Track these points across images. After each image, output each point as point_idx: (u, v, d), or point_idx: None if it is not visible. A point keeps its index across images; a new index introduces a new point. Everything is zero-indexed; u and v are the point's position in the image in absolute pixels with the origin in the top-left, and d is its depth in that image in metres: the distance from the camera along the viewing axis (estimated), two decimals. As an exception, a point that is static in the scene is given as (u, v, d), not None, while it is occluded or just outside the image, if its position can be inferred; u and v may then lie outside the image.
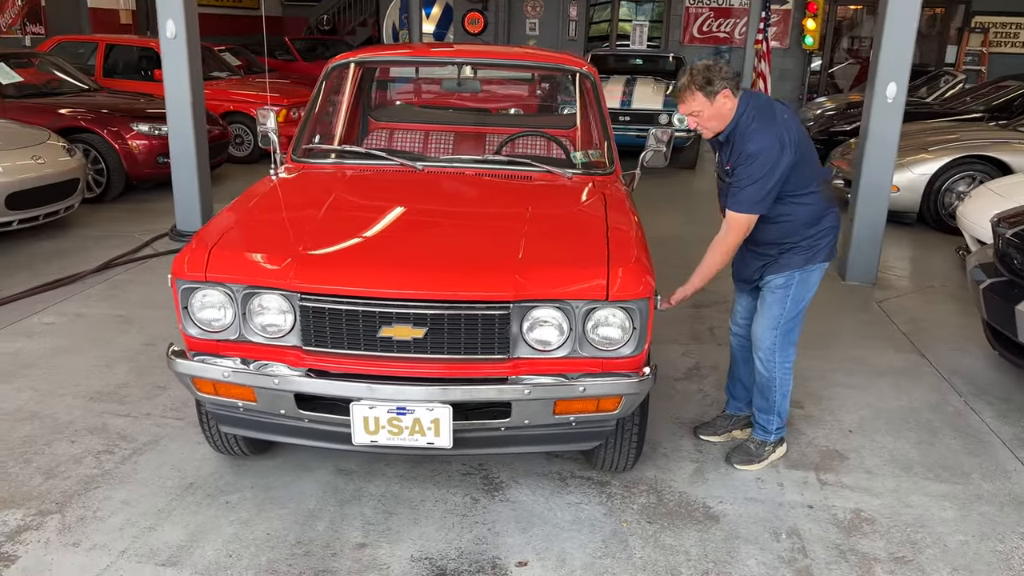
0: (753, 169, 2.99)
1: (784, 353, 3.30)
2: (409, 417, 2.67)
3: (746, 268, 3.37)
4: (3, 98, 8.03)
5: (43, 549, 2.77)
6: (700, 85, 3.00)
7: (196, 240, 2.83)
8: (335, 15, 18.58)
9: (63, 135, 7.67)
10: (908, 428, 3.80)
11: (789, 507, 3.15)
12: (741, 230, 3.10)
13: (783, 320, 3.27)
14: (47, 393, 3.87)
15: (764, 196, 3.02)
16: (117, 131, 7.86)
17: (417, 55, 4.40)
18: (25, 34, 12.07)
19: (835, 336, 4.93)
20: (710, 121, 3.08)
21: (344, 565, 2.76)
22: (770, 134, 2.98)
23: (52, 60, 9.35)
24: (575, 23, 15.67)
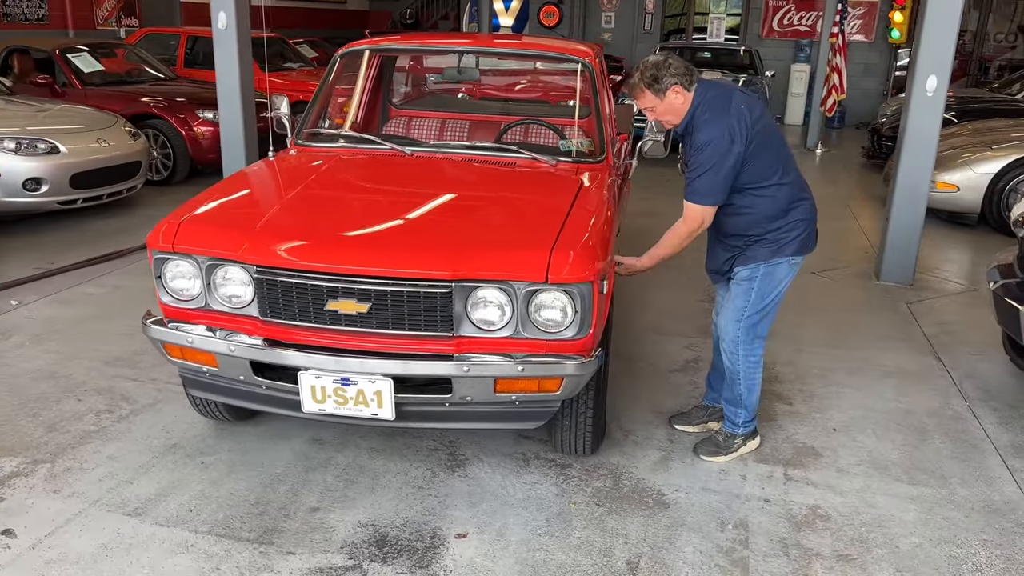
0: (702, 159, 2.98)
1: (748, 347, 3.27)
2: (353, 388, 2.79)
3: (714, 259, 3.36)
4: (84, 85, 8.59)
5: (27, 494, 3.03)
6: (648, 83, 3.02)
7: (172, 213, 3.03)
8: (419, 9, 18.95)
9: (136, 120, 8.18)
10: (896, 430, 3.69)
11: (745, 499, 3.13)
12: (696, 220, 3.09)
13: (747, 313, 3.23)
14: (69, 356, 4.18)
15: (714, 187, 3.00)
16: (184, 118, 8.30)
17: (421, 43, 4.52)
18: (120, 26, 12.81)
19: (850, 335, 4.80)
20: (665, 115, 3.09)
21: (292, 526, 2.90)
22: (720, 124, 2.96)
23: (136, 51, 9.93)
24: (651, 16, 15.51)
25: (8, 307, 4.82)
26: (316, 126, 4.12)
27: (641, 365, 4.32)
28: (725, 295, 3.49)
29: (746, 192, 3.09)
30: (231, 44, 6.43)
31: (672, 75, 3.01)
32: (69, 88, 8.55)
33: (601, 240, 2.97)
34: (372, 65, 4.78)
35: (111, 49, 9.64)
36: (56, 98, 8.16)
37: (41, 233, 6.38)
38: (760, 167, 3.05)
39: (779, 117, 15.00)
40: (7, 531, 2.81)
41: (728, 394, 3.39)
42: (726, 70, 11.36)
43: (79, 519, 2.89)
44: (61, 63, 8.68)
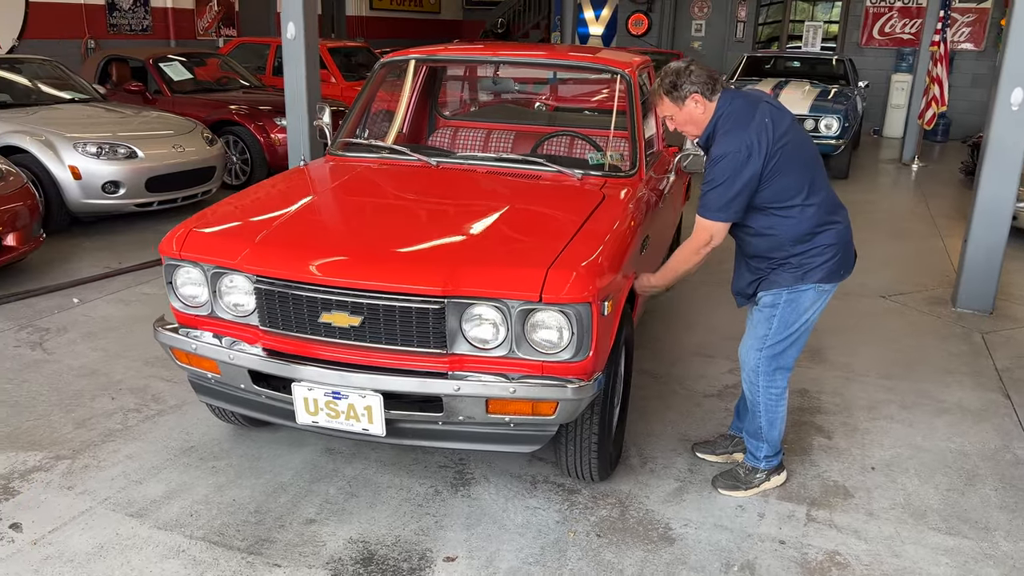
0: (716, 173, 2.82)
1: (769, 378, 3.08)
2: (344, 402, 2.75)
3: (739, 280, 3.18)
4: (173, 93, 8.98)
5: (42, 489, 3.13)
6: (667, 90, 2.88)
7: (187, 220, 3.08)
8: (510, 19, 19.04)
9: (219, 126, 8.51)
10: (943, 473, 3.40)
11: (757, 540, 2.93)
12: (703, 236, 2.92)
13: (768, 342, 3.04)
14: (114, 354, 4.33)
15: (727, 203, 2.83)
16: (262, 125, 8.55)
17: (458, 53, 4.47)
18: (219, 36, 13.37)
19: (911, 366, 4.47)
20: (685, 126, 2.95)
21: (284, 537, 2.89)
22: (738, 137, 2.79)
23: (226, 60, 10.32)
24: (743, 24, 15.07)
25: (70, 304, 5.05)
26: (353, 136, 4.13)
27: (675, 388, 4.14)
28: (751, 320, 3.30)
29: (768, 212, 2.90)
30: (299, 53, 6.58)
31: (692, 83, 2.86)
32: (159, 95, 8.96)
33: (609, 258, 2.85)
34: (419, 75, 4.78)
35: (202, 58, 10.04)
36: (147, 105, 8.56)
37: (116, 234, 6.67)
38: (783, 186, 2.86)
39: (877, 130, 14.33)
40: (15, 525, 2.90)
41: (750, 426, 3.20)
42: (814, 80, 10.89)
43: (84, 517, 2.96)
44: (153, 71, 9.11)
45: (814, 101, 9.74)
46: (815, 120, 9.47)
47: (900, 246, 7.04)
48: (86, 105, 7.64)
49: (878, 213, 8.32)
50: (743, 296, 3.20)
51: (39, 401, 3.80)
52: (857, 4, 14.25)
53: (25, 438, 3.48)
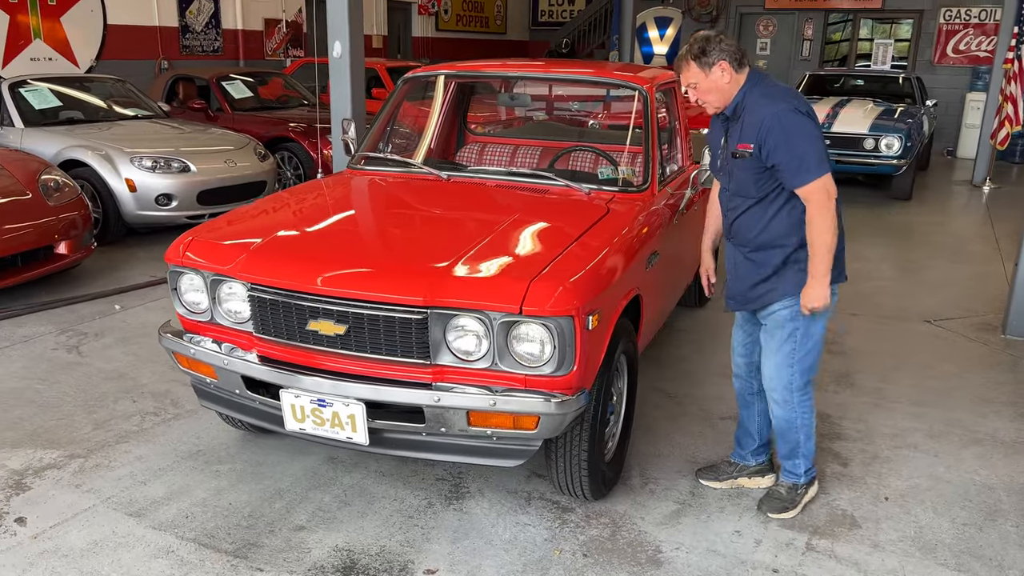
0: (790, 129, 2.73)
1: (802, 392, 3.03)
2: (328, 410, 2.78)
3: (739, 281, 3.06)
4: (233, 110, 9.29)
5: (52, 486, 3.24)
6: (695, 55, 2.83)
7: (193, 229, 3.17)
8: (575, 38, 19.09)
9: (275, 143, 8.76)
10: (962, 506, 3.22)
11: (750, 567, 2.82)
12: (823, 192, 2.75)
13: (798, 356, 2.98)
14: (144, 359, 4.48)
15: (822, 151, 2.76)
16: (315, 142, 8.76)
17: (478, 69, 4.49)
18: (286, 57, 13.78)
19: (947, 393, 4.26)
20: (708, 94, 2.88)
21: (272, 542, 2.92)
22: (788, 97, 2.80)
23: (289, 80, 10.63)
24: (809, 42, 14.75)
25: (111, 310, 5.25)
26: (374, 149, 4.19)
27: (690, 409, 4.04)
28: (746, 336, 3.20)
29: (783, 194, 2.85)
30: (344, 71, 6.74)
31: (722, 51, 2.82)
32: (220, 113, 9.28)
33: (599, 272, 2.82)
34: (448, 92, 4.82)
35: (264, 78, 10.37)
36: (208, 122, 8.87)
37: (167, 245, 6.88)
38: None
39: (951, 150, 13.80)
40: (20, 519, 3.01)
41: (784, 448, 3.14)
42: (878, 99, 10.55)
43: (85, 515, 3.05)
44: (216, 90, 9.45)
45: (875, 120, 9.44)
46: (875, 139, 9.17)
47: (956, 269, 6.75)
48: (148, 122, 7.98)
49: (938, 235, 7.99)
50: (742, 300, 3.08)
51: (65, 401, 3.96)
52: (930, 21, 13.79)
53: (46, 436, 3.62)
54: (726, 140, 2.97)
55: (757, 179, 2.87)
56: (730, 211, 3.03)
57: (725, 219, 3.08)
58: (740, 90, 2.87)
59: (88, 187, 6.68)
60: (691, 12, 15.30)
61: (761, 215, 2.93)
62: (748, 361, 3.22)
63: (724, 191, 3.06)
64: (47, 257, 5.50)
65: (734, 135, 2.91)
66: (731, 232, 3.05)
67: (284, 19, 13.65)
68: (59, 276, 5.80)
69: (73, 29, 10.53)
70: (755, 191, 2.90)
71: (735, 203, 2.99)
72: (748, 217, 2.95)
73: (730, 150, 2.92)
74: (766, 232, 2.93)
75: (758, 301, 3.02)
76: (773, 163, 2.79)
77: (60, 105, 7.76)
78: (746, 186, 2.91)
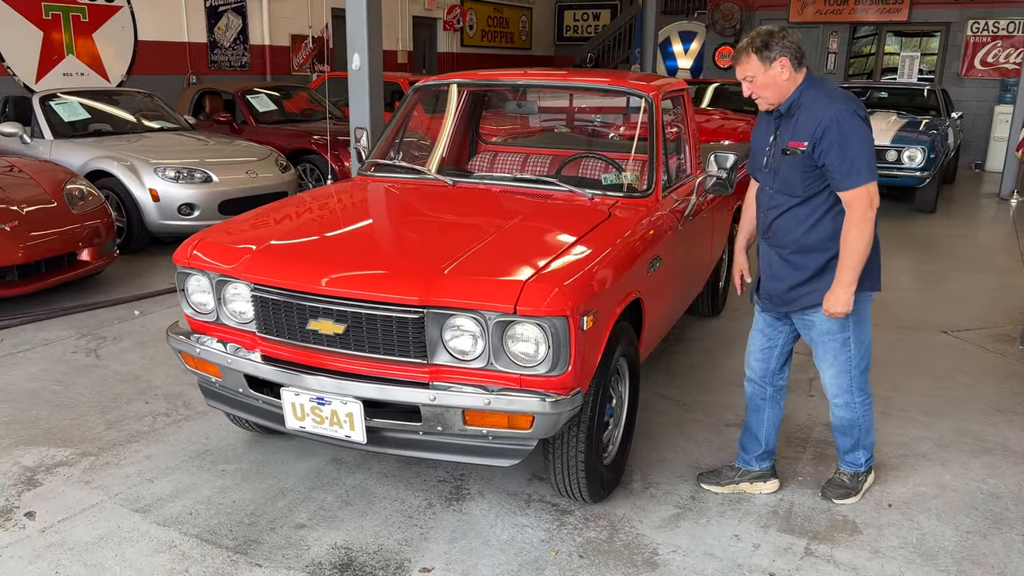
0: (847, 132, 2.75)
1: (862, 392, 3.11)
2: (327, 408, 2.82)
3: (775, 281, 3.05)
4: (258, 123, 9.46)
5: (63, 482, 3.32)
6: (757, 48, 2.84)
7: (201, 231, 3.25)
8: (599, 53, 19.17)
9: (298, 155, 8.90)
10: (967, 514, 3.17)
11: (747, 570, 2.81)
12: (866, 199, 2.78)
13: (855, 362, 3.05)
14: (159, 362, 4.57)
15: (871, 159, 2.78)
16: (337, 154, 8.88)
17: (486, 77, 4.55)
18: (313, 72, 13.99)
19: (960, 403, 4.21)
20: (764, 89, 2.89)
21: (272, 539, 2.97)
22: (846, 100, 2.82)
23: (314, 94, 10.80)
24: (835, 56, 14.67)
25: (131, 316, 5.36)
26: (384, 157, 4.25)
27: (697, 416, 4.03)
28: (766, 340, 3.20)
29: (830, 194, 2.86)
30: (363, 83, 6.84)
31: (785, 47, 2.83)
32: (245, 126, 9.45)
33: (596, 274, 2.83)
34: (460, 101, 4.88)
35: (288, 92, 10.54)
36: (233, 134, 9.04)
37: (189, 253, 7.03)
38: None
39: (979, 164, 13.65)
40: (29, 513, 3.09)
41: (846, 443, 3.23)
42: (902, 111, 10.47)
43: (93, 510, 3.12)
44: (241, 103, 9.63)
45: (898, 131, 9.36)
46: (897, 151, 9.09)
47: (977, 281, 6.66)
48: (174, 134, 8.15)
49: (961, 247, 7.89)
50: (777, 301, 3.07)
51: (80, 402, 4.05)
52: (957, 34, 13.66)
53: (59, 435, 3.70)
54: (775, 138, 2.96)
55: (804, 178, 2.87)
56: (771, 210, 3.01)
57: (764, 218, 3.07)
58: (797, 88, 2.88)
59: (113, 197, 6.84)
60: (715, 26, 15.30)
61: (804, 217, 2.92)
62: (765, 367, 3.23)
63: (764, 190, 3.05)
64: (70, 263, 5.63)
65: (785, 132, 2.91)
66: (768, 231, 3.04)
67: (310, 35, 13.88)
68: (82, 282, 5.94)
69: (105, 45, 10.80)
70: (800, 190, 2.89)
71: (777, 201, 2.98)
72: (789, 217, 2.95)
73: (780, 147, 2.92)
74: (809, 235, 2.93)
75: (795, 303, 3.02)
76: (824, 163, 2.79)
77: (89, 118, 7.96)
78: (792, 184, 2.90)
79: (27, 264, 5.33)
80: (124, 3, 10.94)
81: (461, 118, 4.90)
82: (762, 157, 3.05)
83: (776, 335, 3.21)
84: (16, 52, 9.85)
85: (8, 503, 3.15)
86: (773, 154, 2.97)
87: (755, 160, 3.12)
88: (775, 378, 3.27)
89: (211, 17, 12.13)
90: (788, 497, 3.29)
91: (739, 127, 9.96)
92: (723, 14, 15.14)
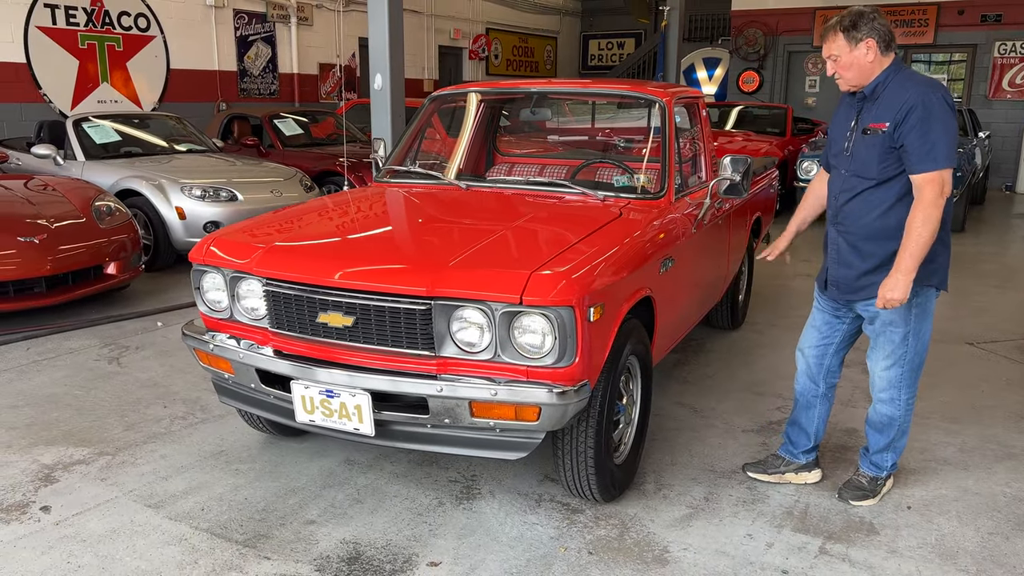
0: (932, 115, 2.72)
1: (910, 389, 3.07)
2: (336, 400, 2.84)
3: (845, 269, 3.00)
4: (284, 147, 9.62)
5: (79, 479, 3.36)
6: (845, 27, 2.83)
7: (215, 231, 3.30)
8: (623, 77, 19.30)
9: (323, 177, 9.04)
10: (989, 517, 3.09)
11: (759, 568, 2.76)
12: (938, 185, 2.74)
13: (909, 356, 3.01)
14: (178, 369, 4.62)
15: (952, 146, 2.75)
16: (361, 176, 9.00)
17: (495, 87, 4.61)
18: (340, 99, 14.23)
19: (985, 411, 4.12)
20: (847, 69, 2.87)
21: (282, 534, 2.97)
22: (932, 84, 2.79)
23: (340, 119, 10.98)
24: (860, 79, 14.60)
25: (154, 327, 5.44)
26: (400, 165, 4.30)
27: (713, 422, 3.99)
28: (827, 333, 3.18)
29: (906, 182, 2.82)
30: (385, 103, 6.97)
31: (874, 29, 2.83)
32: (272, 149, 9.62)
33: (602, 267, 2.83)
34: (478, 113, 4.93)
35: (315, 116, 10.73)
36: (260, 157, 9.21)
37: (214, 270, 7.13)
38: None
39: (1010, 186, 13.47)
40: (45, 507, 3.12)
41: (880, 442, 3.17)
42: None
43: (107, 505, 3.15)
44: (268, 128, 9.81)
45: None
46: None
47: (1003, 296, 6.55)
48: (201, 155, 8.31)
49: (988, 264, 7.76)
50: (845, 289, 3.02)
51: (100, 406, 4.10)
52: (984, 55, 13.57)
53: (79, 436, 3.75)
54: (856, 121, 2.93)
55: (882, 159, 2.84)
56: (843, 192, 2.97)
57: (835, 202, 3.02)
58: (883, 72, 2.86)
59: (141, 215, 6.98)
60: (739, 51, 15.34)
61: (878, 202, 2.89)
62: (820, 363, 3.21)
63: (840, 174, 3.00)
64: (97, 277, 5.74)
65: (868, 114, 2.89)
66: (838, 216, 3.00)
67: (339, 63, 14.15)
68: (109, 296, 6.05)
69: (138, 73, 11.10)
70: (876, 172, 2.86)
71: (851, 184, 2.94)
72: (861, 201, 2.91)
73: (861, 128, 2.90)
74: (880, 222, 2.90)
75: (862, 292, 2.99)
76: (903, 143, 2.77)
77: (119, 140, 8.15)
78: (868, 166, 2.87)
79: (55, 276, 5.45)
80: (157, 33, 11.26)
81: (478, 130, 4.94)
82: (842, 142, 3.00)
83: (833, 333, 3.20)
84: (52, 80, 10.17)
85: (25, 498, 3.20)
86: (853, 137, 2.93)
87: (833, 145, 3.08)
88: (829, 376, 3.26)
89: (241, 46, 12.43)
90: (804, 498, 3.23)
91: (762, 147, 9.96)
92: (747, 40, 15.18)
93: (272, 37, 12.93)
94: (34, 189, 6.17)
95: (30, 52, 9.89)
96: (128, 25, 10.91)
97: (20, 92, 9.88)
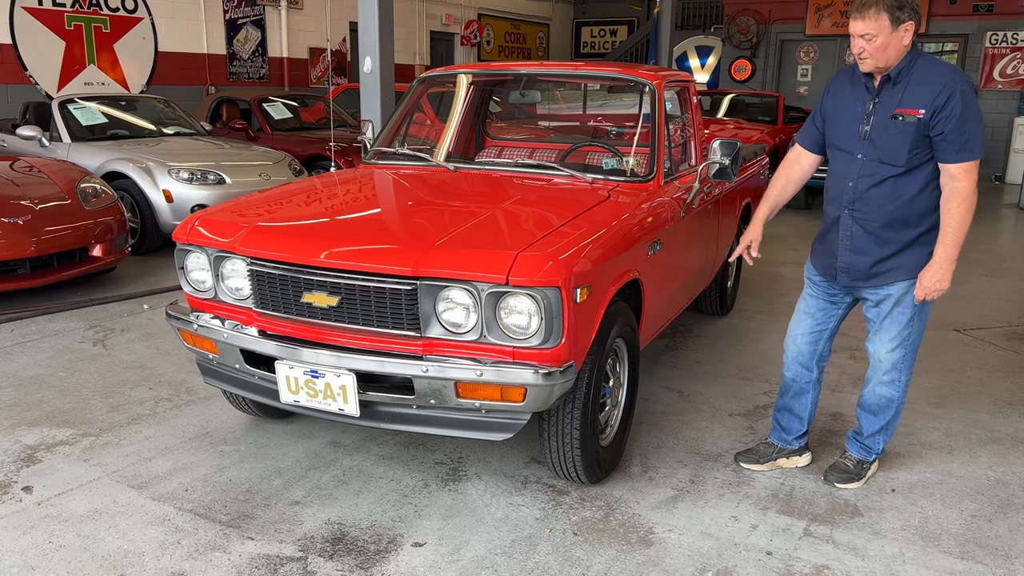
0: (963, 107, 2.70)
1: (908, 371, 3.08)
2: (321, 381, 2.82)
3: (859, 256, 2.96)
4: (273, 131, 9.56)
5: (62, 459, 3.33)
6: (889, 6, 2.72)
7: (199, 211, 3.27)
8: (616, 68, 19.22)
9: (312, 161, 8.99)
10: (973, 499, 3.11)
11: (743, 549, 2.76)
12: (974, 174, 2.77)
13: (912, 338, 3.03)
14: (164, 352, 4.59)
15: (983, 134, 2.78)
16: (350, 160, 8.95)
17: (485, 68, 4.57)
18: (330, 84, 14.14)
19: (970, 396, 4.14)
20: (880, 51, 2.76)
21: (266, 515, 2.96)
22: (957, 73, 2.79)
23: (329, 103, 10.91)
24: (851, 68, 14.60)
25: (140, 310, 5.40)
26: (388, 146, 4.27)
27: (700, 406, 3.99)
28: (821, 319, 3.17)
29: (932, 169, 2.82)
30: (375, 86, 6.89)
31: (913, 11, 2.77)
32: (261, 133, 9.55)
33: (589, 248, 2.82)
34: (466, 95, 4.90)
35: (304, 101, 10.66)
36: (249, 141, 9.14)
37: (201, 254, 7.09)
38: None
39: (999, 176, 13.50)
40: (27, 488, 3.10)
41: (874, 425, 3.18)
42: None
43: (90, 485, 3.13)
44: (257, 111, 9.74)
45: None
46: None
47: (991, 284, 6.57)
48: (189, 138, 8.25)
49: (977, 253, 7.78)
50: (858, 276, 2.99)
51: (85, 388, 4.07)
52: (975, 45, 13.58)
53: (62, 417, 3.73)
54: (874, 104, 2.87)
55: (913, 147, 2.79)
56: (862, 178, 2.89)
57: (853, 188, 2.92)
58: (908, 55, 2.81)
59: (128, 198, 6.93)
60: (731, 39, 15.31)
61: (903, 190, 2.85)
62: (813, 350, 3.21)
63: (853, 158, 2.91)
64: (82, 259, 5.69)
65: (891, 98, 2.83)
66: (855, 203, 2.93)
67: (329, 48, 14.04)
68: (94, 279, 6.00)
69: (125, 55, 10.99)
70: (905, 160, 2.81)
71: (872, 170, 2.87)
72: (887, 188, 2.87)
73: (885, 114, 2.83)
74: (906, 208, 2.86)
75: (877, 279, 2.97)
76: (942, 131, 2.73)
77: (106, 122, 8.07)
78: (896, 153, 2.82)
79: (39, 258, 5.40)
80: (145, 15, 11.14)
81: (467, 112, 4.91)
82: (853, 124, 2.92)
83: (827, 319, 3.19)
84: (39, 61, 10.06)
85: (6, 478, 3.17)
86: (873, 121, 2.86)
87: (839, 128, 2.97)
88: (821, 361, 3.26)
89: (230, 30, 12.32)
90: (789, 481, 3.24)
91: (753, 135, 9.96)
92: (740, 28, 15.15)
93: (262, 20, 12.82)
94: (19, 170, 6.10)
95: (16, 33, 9.77)
96: (115, 6, 10.78)
97: (6, 73, 9.77)
